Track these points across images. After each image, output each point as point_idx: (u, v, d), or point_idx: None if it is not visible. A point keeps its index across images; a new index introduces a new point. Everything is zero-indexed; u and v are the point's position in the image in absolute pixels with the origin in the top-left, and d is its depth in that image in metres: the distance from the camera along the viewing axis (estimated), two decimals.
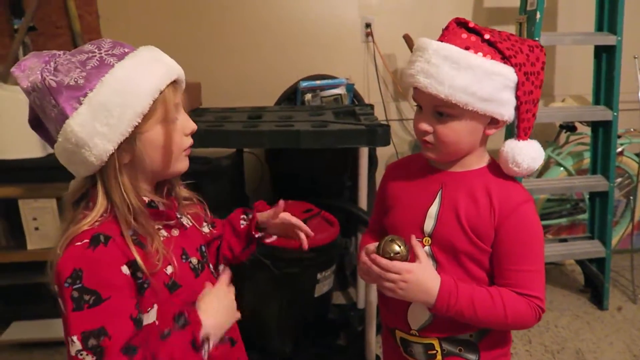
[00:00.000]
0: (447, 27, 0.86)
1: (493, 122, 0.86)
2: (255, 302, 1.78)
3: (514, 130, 0.90)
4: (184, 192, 0.91)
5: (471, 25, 0.84)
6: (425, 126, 0.86)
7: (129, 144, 0.75)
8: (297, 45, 2.38)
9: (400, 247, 0.84)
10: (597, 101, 2.14)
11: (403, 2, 2.38)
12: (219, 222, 1.04)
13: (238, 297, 0.89)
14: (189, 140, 0.83)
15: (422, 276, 0.84)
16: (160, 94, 0.76)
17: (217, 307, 0.82)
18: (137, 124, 0.74)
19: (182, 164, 0.83)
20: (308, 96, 2.11)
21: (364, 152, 1.66)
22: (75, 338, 0.69)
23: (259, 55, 2.36)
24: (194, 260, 0.86)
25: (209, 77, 2.17)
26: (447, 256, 0.88)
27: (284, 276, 1.67)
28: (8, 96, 1.93)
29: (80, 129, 0.72)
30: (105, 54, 0.75)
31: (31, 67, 0.74)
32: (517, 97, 0.85)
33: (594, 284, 2.26)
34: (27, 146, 1.96)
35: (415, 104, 0.90)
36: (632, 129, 2.40)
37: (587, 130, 2.25)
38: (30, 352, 1.94)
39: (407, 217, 0.92)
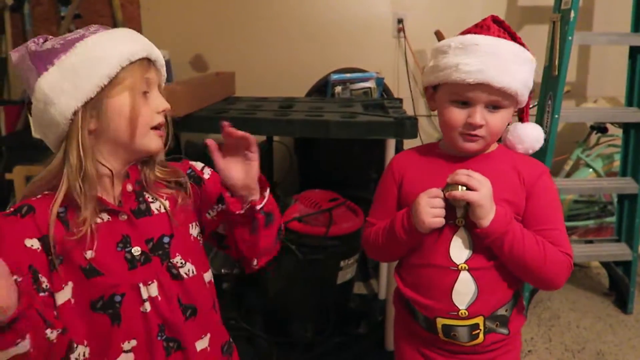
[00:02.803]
0: (487, 26, 0.90)
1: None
2: (278, 286, 1.83)
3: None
4: (158, 172, 0.87)
5: (506, 24, 0.91)
6: (481, 120, 0.88)
7: (95, 107, 0.77)
8: (329, 39, 2.43)
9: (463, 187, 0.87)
10: (630, 102, 2.12)
11: None
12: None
13: (263, 280, 0.87)
14: (159, 118, 0.82)
15: (490, 189, 0.88)
16: (130, 63, 0.78)
17: None
18: (103, 86, 0.76)
19: (150, 141, 0.82)
20: (338, 89, 2.15)
21: (391, 144, 1.68)
22: None
23: (292, 47, 2.42)
24: (135, 251, 0.81)
25: (243, 67, 2.23)
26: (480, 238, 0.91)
27: (308, 262, 1.72)
28: None
29: (48, 86, 0.75)
30: (87, 32, 0.79)
31: (24, 45, 0.79)
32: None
33: (619, 288, 2.24)
34: None
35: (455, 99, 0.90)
36: None
37: (619, 132, 2.23)
38: None
39: None
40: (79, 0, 2.24)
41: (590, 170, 2.33)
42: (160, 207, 0.85)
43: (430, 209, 0.88)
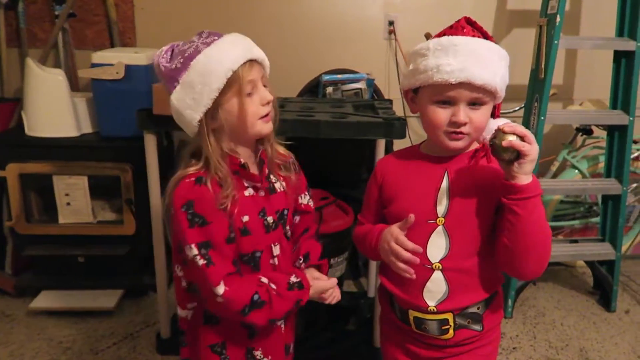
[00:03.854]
0: (461, 26, 0.93)
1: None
2: None
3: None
4: (280, 148, 1.10)
5: (477, 24, 0.94)
6: (465, 118, 0.90)
7: (213, 113, 0.95)
8: (321, 40, 2.45)
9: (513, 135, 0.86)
10: (614, 105, 2.17)
11: (426, 2, 2.43)
12: (311, 207, 1.21)
13: None
14: (265, 109, 0.99)
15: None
16: (233, 73, 0.93)
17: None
18: (215, 97, 0.93)
19: (260, 128, 0.99)
20: (329, 89, 2.18)
21: (381, 144, 1.72)
22: (192, 246, 0.93)
23: (285, 48, 2.44)
24: (270, 219, 1.03)
25: None
26: (461, 231, 0.94)
27: None
28: (47, 77, 2.05)
29: (177, 102, 0.95)
30: (200, 43, 0.95)
31: (160, 55, 0.98)
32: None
33: (603, 286, 2.29)
34: (62, 126, 2.08)
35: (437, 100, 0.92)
36: None
37: (604, 134, 2.28)
38: (58, 320, 2.06)
39: (417, 203, 0.97)
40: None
41: (576, 171, 2.38)
42: (280, 186, 1.07)
43: (391, 256, 0.95)
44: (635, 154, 2.34)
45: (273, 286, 1.00)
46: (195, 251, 0.93)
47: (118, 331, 2.00)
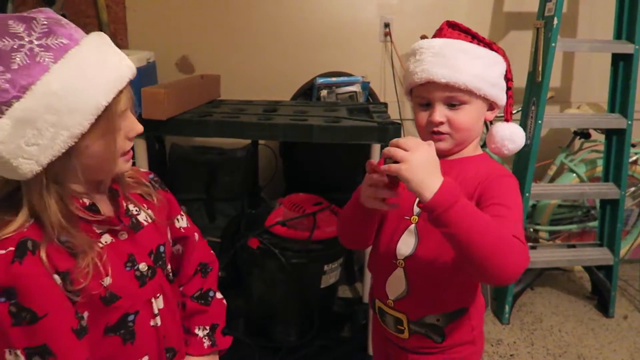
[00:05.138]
0: (441, 29, 0.96)
1: (490, 107, 0.96)
2: (262, 289, 1.83)
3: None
4: (132, 179, 0.83)
5: (463, 26, 0.95)
6: (440, 117, 0.90)
7: (62, 160, 0.66)
8: (315, 43, 2.42)
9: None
10: (612, 109, 2.15)
11: (422, 4, 2.41)
12: (189, 220, 0.96)
13: (247, 284, 0.92)
14: (129, 144, 0.74)
15: (429, 156, 0.78)
16: (105, 107, 0.66)
17: None
18: (73, 144, 0.65)
19: (120, 168, 0.75)
20: (324, 92, 2.15)
21: (376, 149, 1.69)
22: (18, 352, 0.65)
23: (278, 50, 2.41)
24: (142, 267, 0.79)
25: (228, 70, 2.22)
26: (431, 233, 0.91)
27: (291, 266, 1.72)
28: None
29: (2, 146, 0.61)
30: (37, 46, 0.62)
31: None
32: (508, 81, 0.96)
33: (600, 292, 2.26)
34: None
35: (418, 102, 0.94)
36: None
37: (602, 137, 2.25)
38: None
39: (400, 198, 0.94)
40: (64, 1, 2.22)
41: (574, 175, 2.35)
42: (146, 217, 0.82)
43: (367, 186, 0.85)
44: (634, 158, 2.32)
45: None
46: (22, 359, 0.65)
47: None
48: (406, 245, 0.96)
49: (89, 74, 0.64)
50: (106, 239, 0.75)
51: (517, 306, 2.24)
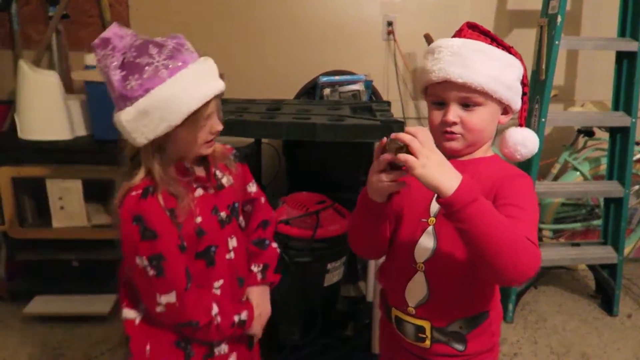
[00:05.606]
0: (460, 30, 0.95)
1: (504, 111, 0.95)
2: None
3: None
4: (220, 153, 1.10)
5: (482, 28, 0.94)
6: (454, 117, 0.90)
7: (162, 139, 0.94)
8: (319, 41, 2.43)
9: (402, 146, 0.77)
10: (616, 107, 2.14)
11: (425, 2, 2.41)
12: (257, 186, 1.24)
13: None
14: (212, 136, 1.00)
15: (443, 158, 0.78)
16: (195, 110, 0.92)
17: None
18: (169, 131, 0.92)
19: (203, 151, 1.01)
20: (327, 91, 2.15)
21: None
22: (144, 258, 0.94)
23: (282, 49, 2.42)
24: (223, 215, 1.06)
25: (232, 69, 2.22)
26: (449, 233, 0.89)
27: (295, 264, 1.72)
28: (40, 79, 2.03)
29: (126, 123, 0.92)
30: (162, 64, 0.90)
31: (105, 48, 0.91)
32: (524, 86, 0.95)
33: (604, 290, 2.26)
34: (56, 128, 2.06)
35: (433, 100, 0.93)
36: None
37: (606, 135, 2.25)
38: (52, 326, 2.03)
39: (414, 199, 0.96)
40: (67, 0, 2.23)
41: (578, 173, 2.34)
42: (227, 181, 1.09)
43: (376, 176, 0.82)
44: (638, 156, 2.30)
45: (219, 319, 1.02)
46: (145, 262, 0.94)
47: (112, 337, 1.97)
48: (425, 247, 0.94)
49: (188, 88, 0.91)
50: (199, 192, 1.03)
51: (521, 305, 2.24)
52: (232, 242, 1.09)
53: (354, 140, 1.61)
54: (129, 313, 1.04)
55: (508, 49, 0.93)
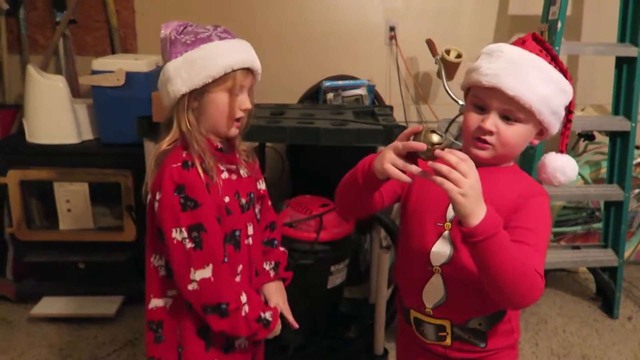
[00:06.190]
0: (524, 40, 0.92)
1: (539, 133, 0.93)
2: None
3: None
4: (243, 145, 1.16)
5: (547, 45, 0.91)
6: (492, 126, 0.88)
7: (198, 95, 1.00)
8: (322, 46, 2.45)
9: (441, 136, 0.78)
10: (616, 111, 2.16)
11: (427, 8, 2.43)
12: (266, 192, 1.26)
13: None
14: (241, 114, 1.05)
15: (478, 180, 0.77)
16: (232, 71, 1.00)
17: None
18: (207, 82, 0.99)
19: (230, 130, 1.06)
20: (330, 95, 2.18)
21: None
22: (183, 229, 0.97)
23: (286, 54, 2.45)
24: (243, 201, 1.10)
25: None
26: None
27: (298, 267, 1.74)
28: (47, 83, 2.06)
29: (173, 70, 1.00)
30: (214, 34, 1.02)
31: (171, 26, 1.04)
32: (569, 113, 0.94)
33: (605, 293, 2.28)
34: (63, 132, 2.09)
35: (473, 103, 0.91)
36: None
37: (606, 139, 2.27)
38: (58, 327, 2.06)
39: (428, 201, 0.96)
40: (74, 5, 2.26)
41: (578, 176, 2.37)
42: (244, 172, 1.13)
43: (393, 155, 0.82)
44: (638, 160, 2.33)
45: (246, 308, 1.03)
46: (185, 234, 0.97)
47: (118, 338, 2.00)
48: (441, 252, 0.94)
49: (233, 49, 1.02)
50: (225, 175, 1.06)
51: None
52: (250, 229, 1.12)
53: (357, 144, 1.63)
54: (157, 302, 1.05)
55: (565, 72, 0.90)
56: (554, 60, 0.90)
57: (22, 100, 2.15)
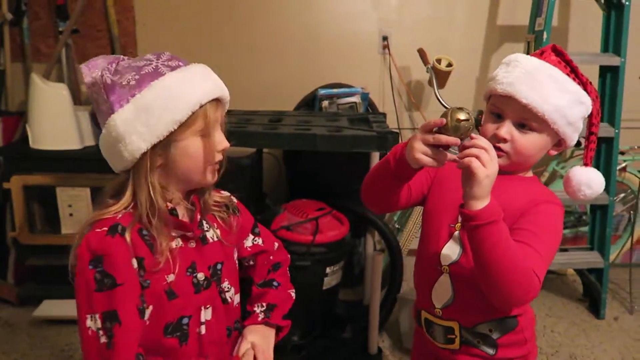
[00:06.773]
0: (543, 51, 0.93)
1: (557, 144, 0.94)
2: None
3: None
4: (216, 196, 0.94)
5: (567, 57, 0.93)
6: (506, 134, 0.89)
7: (164, 148, 0.80)
8: (317, 55, 2.52)
9: (468, 114, 0.79)
10: (601, 118, 2.23)
11: (419, 18, 2.51)
12: (267, 236, 1.06)
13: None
14: (219, 157, 0.86)
15: (496, 170, 0.80)
16: (200, 107, 0.80)
17: None
18: (173, 130, 0.79)
19: (207, 177, 0.86)
20: (325, 103, 2.24)
21: (375, 157, 1.78)
22: (97, 316, 0.76)
23: (282, 63, 2.51)
24: (200, 277, 0.87)
25: (234, 82, 2.29)
26: None
27: (295, 268, 1.78)
28: (50, 91, 2.11)
29: (122, 124, 0.78)
30: (161, 64, 0.81)
31: (97, 66, 0.81)
32: (592, 125, 0.95)
33: (592, 294, 2.34)
34: (66, 138, 2.13)
35: (492, 111, 0.93)
36: (636, 147, 2.48)
37: None
38: (60, 329, 2.10)
39: (445, 202, 0.98)
40: (77, 15, 2.32)
41: None
42: (213, 235, 0.91)
43: (422, 145, 0.82)
44: (622, 165, 2.40)
45: None
46: (99, 323, 0.76)
47: None
48: (451, 252, 0.96)
49: (193, 81, 0.81)
50: (178, 242, 0.85)
51: None
52: (206, 314, 0.87)
53: (352, 150, 1.69)
54: None
55: (585, 85, 0.91)
56: (574, 72, 0.91)
57: (24, 108, 2.19)
